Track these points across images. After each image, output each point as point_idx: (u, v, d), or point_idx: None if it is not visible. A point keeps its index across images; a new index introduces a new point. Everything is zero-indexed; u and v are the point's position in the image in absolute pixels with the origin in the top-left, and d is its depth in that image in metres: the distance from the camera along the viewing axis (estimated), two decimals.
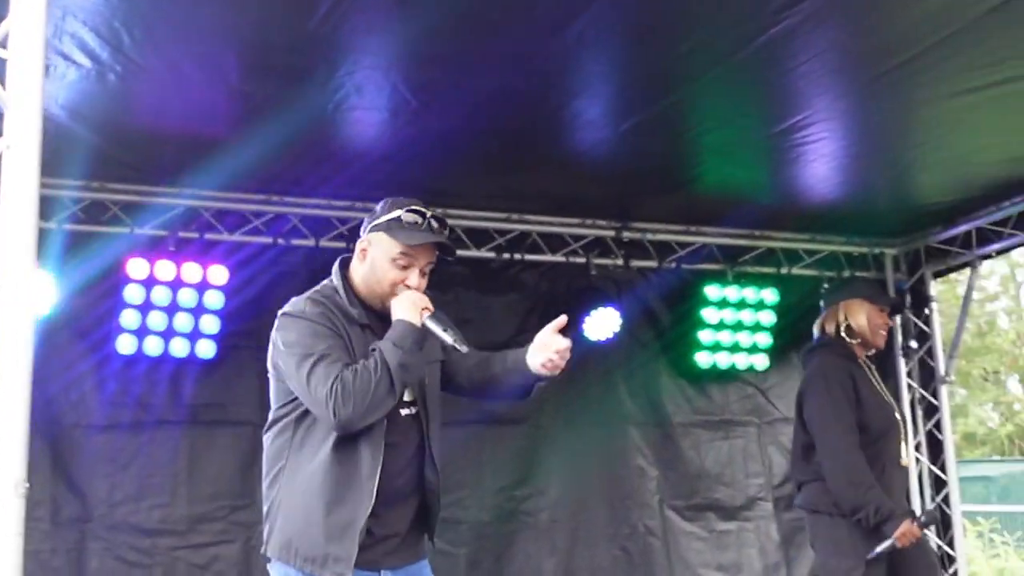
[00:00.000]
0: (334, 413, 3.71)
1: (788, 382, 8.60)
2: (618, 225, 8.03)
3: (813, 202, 7.84)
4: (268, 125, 5.93)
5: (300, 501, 3.84)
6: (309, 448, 3.86)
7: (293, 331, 3.90)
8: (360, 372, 3.76)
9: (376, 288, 4.03)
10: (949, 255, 8.61)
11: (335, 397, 3.71)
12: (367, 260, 4.07)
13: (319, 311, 3.93)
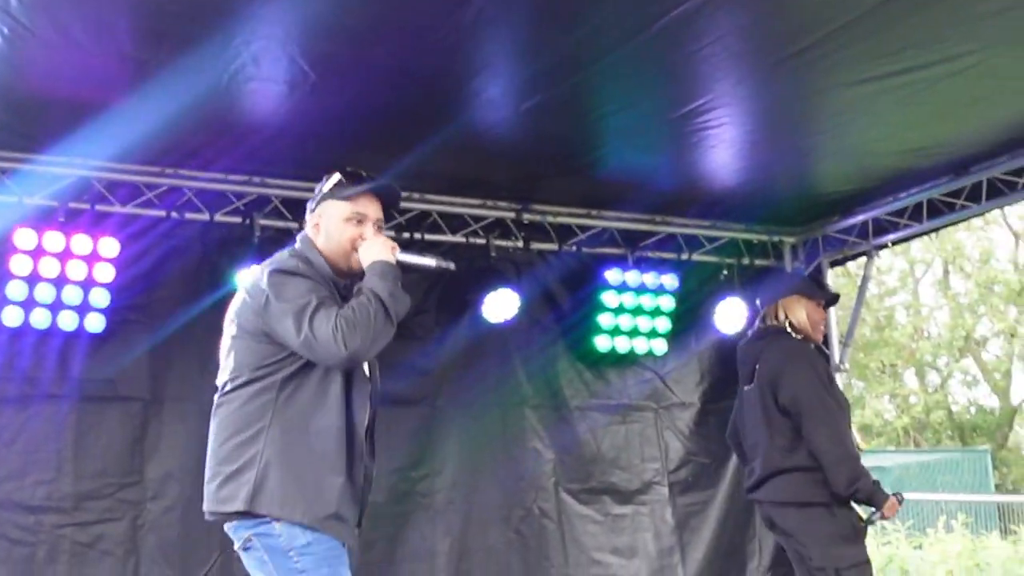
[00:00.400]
0: (345, 346, 3.86)
1: (686, 367, 8.66)
2: (519, 207, 7.99)
3: (714, 188, 7.86)
4: (163, 94, 5.80)
5: (307, 459, 3.94)
6: (302, 409, 3.97)
7: (289, 286, 4.02)
8: (357, 307, 3.94)
9: (339, 251, 4.21)
10: (846, 244, 8.70)
11: (341, 331, 3.87)
12: (322, 230, 4.25)
13: (309, 269, 4.11)
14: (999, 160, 7.45)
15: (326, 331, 3.89)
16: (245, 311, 4.10)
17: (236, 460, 3.97)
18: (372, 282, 4.06)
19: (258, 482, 3.92)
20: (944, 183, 7.79)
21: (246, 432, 3.98)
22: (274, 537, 3.94)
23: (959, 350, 28.69)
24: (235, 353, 4.10)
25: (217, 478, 4.02)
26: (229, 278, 7.10)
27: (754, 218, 8.62)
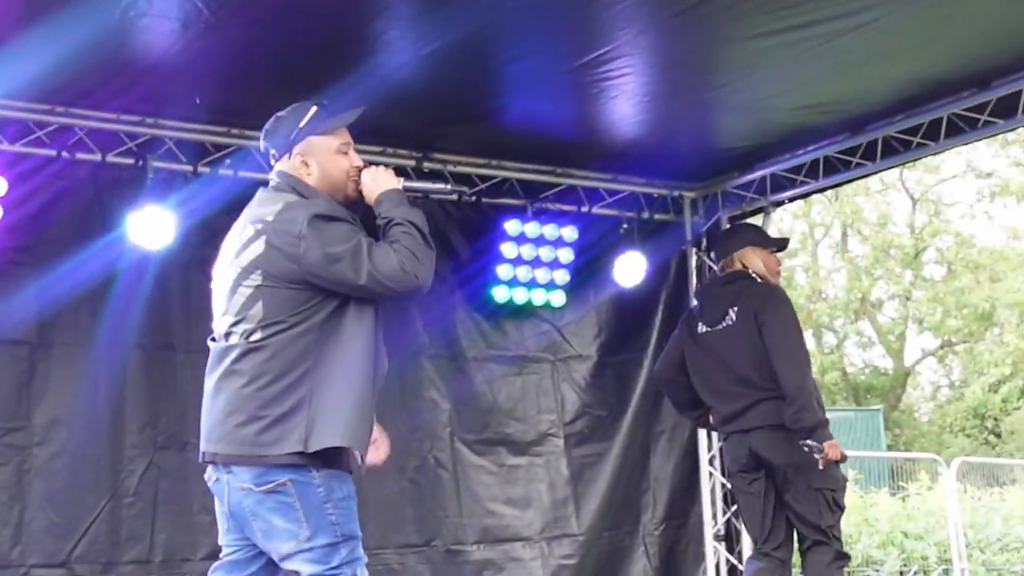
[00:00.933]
0: (416, 276, 3.98)
1: (584, 320, 8.67)
2: (419, 155, 7.90)
3: (615, 141, 7.86)
4: (53, 30, 5.63)
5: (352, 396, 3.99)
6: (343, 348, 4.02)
7: (334, 230, 4.02)
8: (404, 238, 4.03)
9: (337, 185, 4.26)
10: (744, 200, 8.76)
11: (409, 263, 3.97)
12: (314, 167, 4.25)
13: (342, 211, 4.13)
14: (895, 119, 7.55)
15: (393, 266, 3.95)
16: (274, 260, 4.02)
17: (283, 403, 3.98)
18: (399, 211, 4.12)
19: (310, 422, 3.95)
20: (841, 141, 7.88)
21: (290, 376, 3.99)
22: (312, 487, 3.98)
23: (855, 312, 29.19)
24: (263, 302, 4.05)
25: (258, 421, 3.99)
26: (121, 220, 6.98)
27: (655, 172, 8.64)
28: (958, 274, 27.68)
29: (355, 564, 4.09)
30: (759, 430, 6.30)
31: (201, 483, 7.04)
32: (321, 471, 3.98)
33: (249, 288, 4.09)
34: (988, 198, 28.25)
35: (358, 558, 4.11)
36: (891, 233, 28.38)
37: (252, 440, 4.00)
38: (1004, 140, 26.67)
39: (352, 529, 4.08)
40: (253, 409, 4.01)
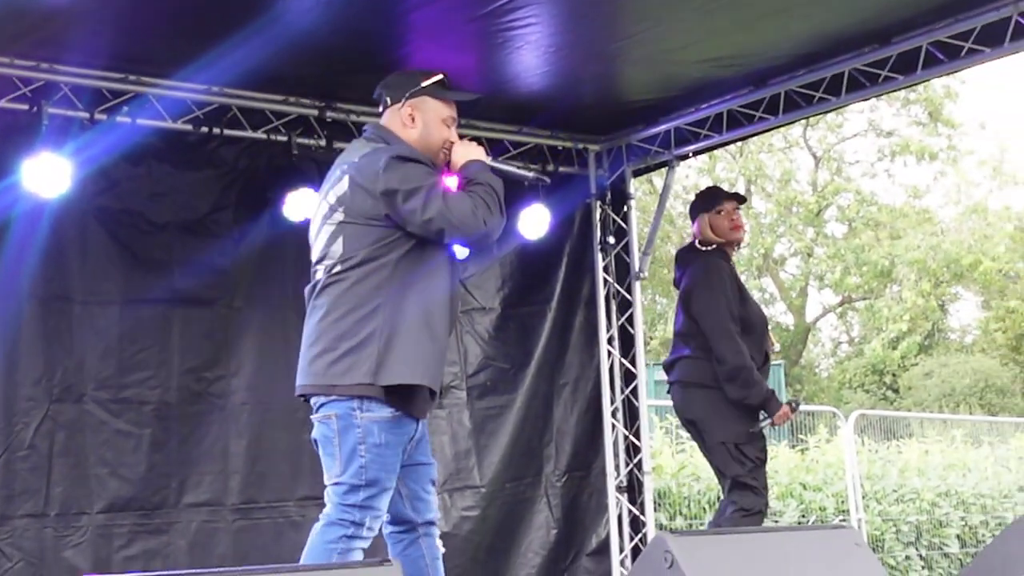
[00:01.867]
0: (484, 222, 4.32)
1: (487, 272, 8.63)
2: (322, 104, 7.81)
3: (520, 92, 7.81)
4: None
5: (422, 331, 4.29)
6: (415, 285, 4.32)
7: (411, 170, 4.36)
8: (481, 191, 4.37)
9: (432, 148, 4.58)
10: (649, 153, 8.78)
11: (480, 209, 4.31)
12: (419, 123, 4.58)
13: (427, 158, 4.48)
14: (797, 73, 7.60)
15: (465, 209, 4.28)
16: (356, 196, 4.35)
17: (356, 335, 4.25)
18: (482, 176, 4.46)
19: (381, 357, 4.22)
20: (744, 95, 7.93)
21: (363, 309, 4.27)
22: (353, 427, 4.29)
23: (758, 268, 29.49)
24: (344, 237, 4.38)
25: (331, 353, 4.29)
26: (15, 168, 6.82)
27: (559, 125, 8.62)
28: (859, 231, 28.10)
29: (368, 512, 4.33)
30: (676, 384, 6.78)
31: (98, 435, 7.09)
32: (366, 412, 4.27)
33: (332, 225, 4.44)
34: (889, 157, 28.65)
35: (374, 508, 4.34)
36: (794, 191, 28.69)
37: (324, 371, 4.32)
38: (905, 99, 27.04)
39: (378, 477, 4.30)
40: (328, 341, 4.32)
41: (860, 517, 11.48)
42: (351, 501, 4.33)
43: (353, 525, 4.34)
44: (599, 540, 8.75)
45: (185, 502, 7.33)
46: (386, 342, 4.25)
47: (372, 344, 4.24)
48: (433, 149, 4.59)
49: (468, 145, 4.68)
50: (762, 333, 6.83)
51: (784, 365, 25.79)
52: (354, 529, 4.35)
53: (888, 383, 28.09)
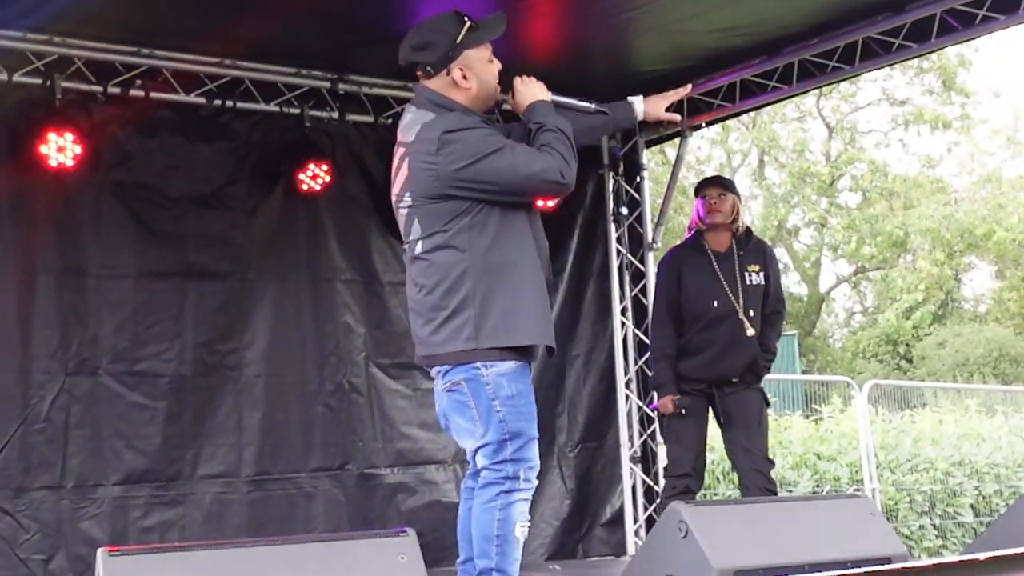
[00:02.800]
0: (562, 175, 4.28)
1: None
2: (334, 76, 7.80)
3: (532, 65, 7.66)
4: None
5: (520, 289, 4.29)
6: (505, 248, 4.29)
7: (469, 140, 4.25)
8: (553, 141, 4.32)
9: (491, 92, 4.50)
10: (661, 124, 8.71)
11: (557, 163, 4.27)
12: (471, 80, 4.42)
13: (476, 119, 4.38)
14: (810, 42, 7.57)
15: (539, 165, 4.25)
16: (418, 180, 4.28)
17: (448, 305, 4.26)
18: (549, 118, 4.41)
19: (478, 319, 4.24)
20: (756, 64, 7.89)
21: (449, 279, 4.27)
22: (481, 385, 4.26)
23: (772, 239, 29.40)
24: (418, 220, 4.33)
25: (431, 323, 4.32)
26: (29, 141, 6.84)
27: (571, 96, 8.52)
28: (872, 201, 27.98)
29: (520, 464, 4.31)
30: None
31: (113, 408, 7.13)
32: (490, 368, 4.26)
33: (405, 209, 4.39)
34: (903, 126, 28.54)
35: (525, 459, 4.32)
36: (807, 161, 28.57)
37: (429, 341, 4.35)
38: (919, 68, 26.91)
39: (520, 427, 4.30)
40: (426, 312, 4.34)
41: (874, 487, 11.47)
42: (500, 457, 4.30)
43: (508, 480, 4.32)
44: (613, 510, 8.77)
45: (200, 474, 7.37)
46: (479, 307, 4.26)
47: (466, 311, 4.26)
48: (492, 93, 4.53)
49: (528, 83, 4.58)
50: (712, 318, 6.91)
51: (798, 335, 25.78)
52: (509, 484, 4.32)
53: (902, 353, 28.03)
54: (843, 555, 3.75)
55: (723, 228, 7.03)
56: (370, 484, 7.91)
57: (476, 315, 4.24)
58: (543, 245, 4.48)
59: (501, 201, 4.31)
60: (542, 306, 4.38)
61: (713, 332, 6.90)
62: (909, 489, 12.15)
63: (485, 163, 4.22)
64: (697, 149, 27.58)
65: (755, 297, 6.98)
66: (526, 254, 4.36)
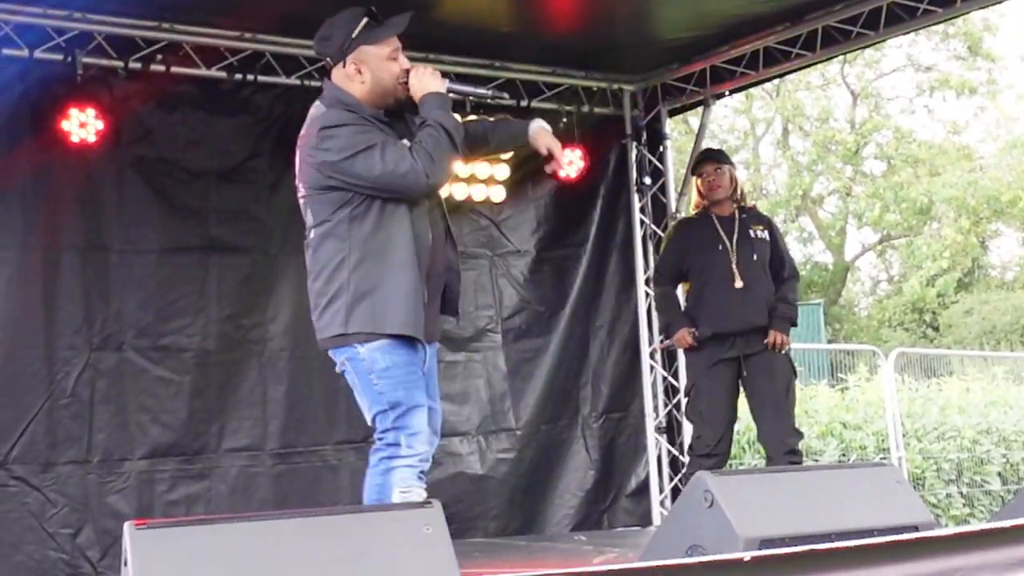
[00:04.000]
0: (427, 175, 4.33)
1: (523, 215, 8.63)
2: None
3: (554, 33, 7.77)
4: None
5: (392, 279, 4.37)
6: (380, 238, 4.38)
7: (343, 136, 4.35)
8: (428, 139, 4.35)
9: (388, 90, 4.51)
10: (684, 93, 8.72)
11: (422, 162, 4.31)
12: (365, 74, 4.49)
13: (355, 116, 4.42)
14: (835, 8, 7.53)
15: (405, 165, 4.30)
16: (305, 173, 4.46)
17: (328, 292, 4.41)
18: (434, 113, 4.41)
19: (349, 307, 4.36)
20: (780, 31, 7.84)
21: (329, 267, 4.40)
22: (359, 361, 4.41)
23: (796, 208, 29.27)
24: (309, 208, 4.49)
25: (316, 310, 4.50)
26: (51, 117, 6.85)
27: (594, 65, 8.56)
28: (897, 169, 27.78)
29: (401, 431, 4.40)
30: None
31: (138, 383, 7.16)
32: (365, 345, 4.39)
33: (302, 199, 4.55)
34: (928, 92, 28.31)
35: (406, 426, 4.40)
36: (832, 129, 28.36)
37: (318, 326, 4.52)
38: (944, 33, 26.68)
39: (397, 397, 4.40)
40: (314, 299, 4.51)
41: (900, 455, 11.43)
42: (384, 426, 4.43)
43: (389, 447, 4.42)
44: (639, 481, 8.76)
45: (225, 447, 7.40)
46: (352, 294, 4.38)
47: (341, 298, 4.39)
48: (390, 90, 4.54)
49: (423, 74, 4.55)
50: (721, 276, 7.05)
51: (823, 304, 25.66)
52: (391, 450, 4.42)
53: (928, 321, 27.90)
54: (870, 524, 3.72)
55: (725, 200, 7.17)
56: None
57: (348, 303, 4.37)
58: (430, 235, 4.52)
59: (375, 195, 4.39)
60: (412, 297, 4.41)
61: (713, 286, 7.07)
62: (936, 457, 12.12)
63: (354, 160, 4.31)
64: (722, 118, 27.44)
65: (760, 248, 7.11)
66: (401, 246, 4.40)
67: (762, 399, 7.00)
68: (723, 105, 24.85)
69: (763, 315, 6.99)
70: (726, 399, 7.04)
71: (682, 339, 7.09)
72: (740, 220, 7.10)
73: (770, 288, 7.07)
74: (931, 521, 4.00)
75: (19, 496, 6.84)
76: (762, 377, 6.98)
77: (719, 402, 7.01)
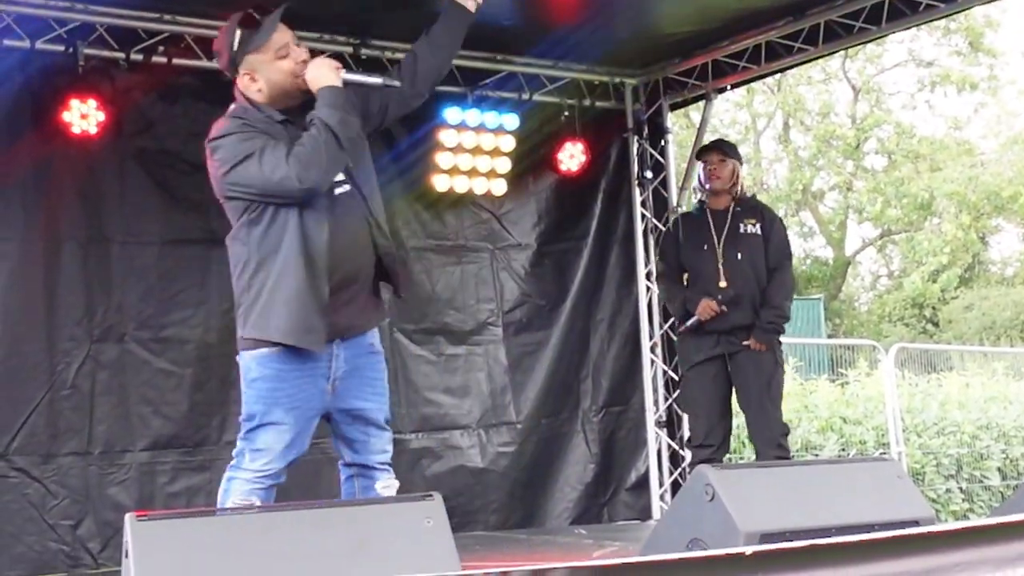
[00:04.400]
0: (299, 181, 4.12)
1: (524, 208, 8.64)
2: (356, 42, 7.78)
3: (556, 26, 7.75)
4: None
5: (277, 284, 4.21)
6: (269, 242, 4.23)
7: (226, 147, 4.23)
8: (307, 141, 4.15)
9: (287, 89, 4.35)
10: (686, 87, 8.72)
11: (295, 168, 4.10)
12: (260, 80, 4.35)
13: (240, 123, 4.28)
14: (836, 3, 7.52)
15: (281, 171, 4.12)
16: (211, 181, 4.35)
17: (237, 294, 4.34)
18: (321, 111, 4.22)
19: (247, 311, 4.27)
20: (782, 25, 7.84)
21: (235, 272, 4.34)
22: (242, 367, 4.32)
23: (797, 203, 29.28)
24: (228, 213, 4.38)
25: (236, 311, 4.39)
26: (52, 107, 6.85)
27: (596, 59, 8.55)
28: (898, 164, 27.79)
29: (247, 443, 4.28)
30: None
31: (139, 375, 7.15)
32: (249, 352, 4.28)
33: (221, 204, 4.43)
34: (929, 87, 28.30)
35: (250, 441, 4.26)
36: (833, 123, 28.37)
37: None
38: (946, 28, 26.67)
39: (253, 410, 4.26)
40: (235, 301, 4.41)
41: (900, 450, 11.43)
42: (239, 435, 4.34)
43: (235, 457, 4.34)
44: (638, 475, 8.77)
45: (226, 439, 7.38)
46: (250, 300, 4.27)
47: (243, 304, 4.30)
48: (289, 88, 4.37)
49: (317, 70, 4.34)
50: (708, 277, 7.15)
51: (823, 299, 25.68)
52: (236, 461, 4.33)
53: (928, 316, 27.91)
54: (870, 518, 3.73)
55: (723, 192, 7.22)
56: (395, 450, 7.82)
57: (244, 310, 4.30)
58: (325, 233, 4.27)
59: (265, 201, 4.25)
60: (295, 303, 4.22)
61: (700, 286, 7.18)
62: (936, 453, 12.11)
63: (236, 171, 4.20)
64: (723, 112, 27.43)
65: (747, 244, 7.13)
66: (286, 249, 4.24)
67: (747, 394, 7.08)
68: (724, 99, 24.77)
69: (747, 314, 7.06)
70: (714, 392, 7.12)
71: (707, 308, 7.06)
72: (733, 215, 7.16)
73: (757, 285, 7.11)
74: (931, 516, 4.00)
75: (20, 487, 6.84)
76: (746, 373, 7.05)
77: (706, 394, 7.12)
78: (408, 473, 7.92)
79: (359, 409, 4.52)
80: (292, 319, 4.21)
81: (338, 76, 4.33)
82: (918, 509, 3.98)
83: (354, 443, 4.57)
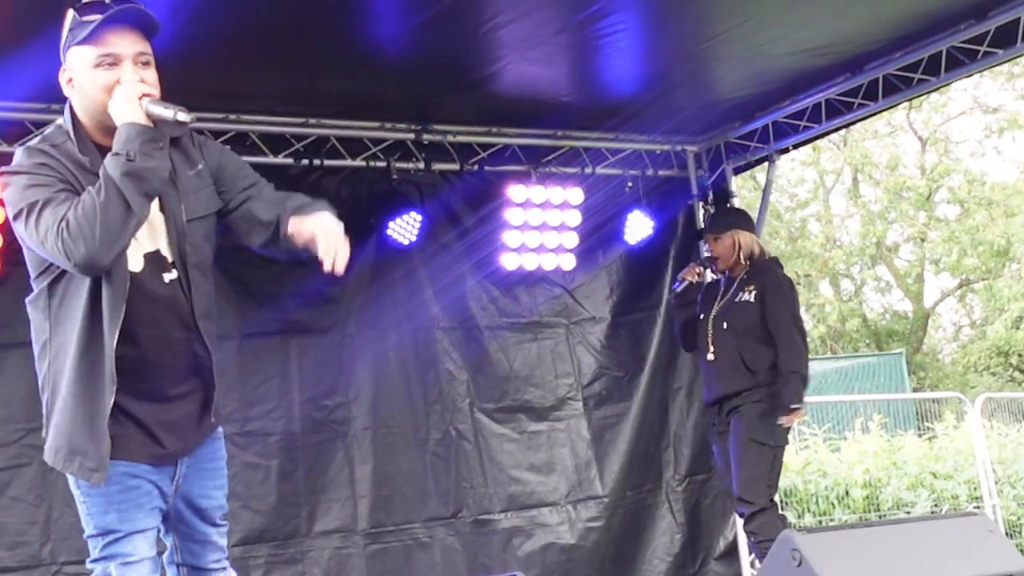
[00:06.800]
0: (67, 255, 3.25)
1: (595, 282, 8.66)
2: (418, 127, 7.88)
3: (614, 100, 7.82)
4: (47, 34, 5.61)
5: (61, 385, 3.45)
6: (66, 321, 3.43)
7: (13, 188, 3.39)
8: (83, 201, 3.27)
9: (98, 108, 3.44)
10: (748, 150, 8.73)
11: (63, 238, 3.24)
12: (76, 87, 3.48)
13: (37, 161, 3.40)
14: (894, 56, 7.50)
15: (52, 239, 3.27)
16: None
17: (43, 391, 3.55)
18: (108, 161, 3.32)
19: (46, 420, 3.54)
20: (841, 82, 7.83)
21: (36, 348, 3.53)
22: (73, 479, 3.57)
23: (871, 257, 29.05)
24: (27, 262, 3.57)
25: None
26: None
27: (656, 129, 8.57)
28: (972, 212, 27.51)
29: (109, 561, 3.54)
30: None
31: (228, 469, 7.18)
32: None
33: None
34: (996, 133, 28.05)
35: (114, 555, 3.53)
36: (902, 176, 28.18)
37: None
38: (1010, 73, 26.47)
39: (106, 523, 3.53)
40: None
41: (994, 503, 11.24)
42: (94, 555, 3.57)
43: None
44: (727, 543, 8.67)
45: (316, 530, 7.43)
46: (46, 399, 3.54)
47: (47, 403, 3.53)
48: (100, 107, 3.43)
49: (120, 97, 3.38)
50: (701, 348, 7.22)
51: (906, 353, 25.35)
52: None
53: (1015, 364, 27.44)
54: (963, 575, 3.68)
55: (734, 264, 7.20)
56: (485, 530, 7.94)
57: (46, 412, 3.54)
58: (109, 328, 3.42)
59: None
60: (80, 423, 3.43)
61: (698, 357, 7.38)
62: None
63: (19, 221, 3.36)
64: (790, 171, 27.38)
65: (737, 313, 7.05)
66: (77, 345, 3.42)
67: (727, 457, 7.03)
68: (790, 159, 24.82)
69: (732, 382, 6.98)
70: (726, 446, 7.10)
71: (691, 270, 7.43)
72: (738, 282, 7.13)
73: (740, 353, 6.97)
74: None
75: None
76: (731, 436, 6.98)
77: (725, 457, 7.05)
78: (499, 553, 7.95)
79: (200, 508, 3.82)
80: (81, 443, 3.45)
81: (140, 108, 3.37)
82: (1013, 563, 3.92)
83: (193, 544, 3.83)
